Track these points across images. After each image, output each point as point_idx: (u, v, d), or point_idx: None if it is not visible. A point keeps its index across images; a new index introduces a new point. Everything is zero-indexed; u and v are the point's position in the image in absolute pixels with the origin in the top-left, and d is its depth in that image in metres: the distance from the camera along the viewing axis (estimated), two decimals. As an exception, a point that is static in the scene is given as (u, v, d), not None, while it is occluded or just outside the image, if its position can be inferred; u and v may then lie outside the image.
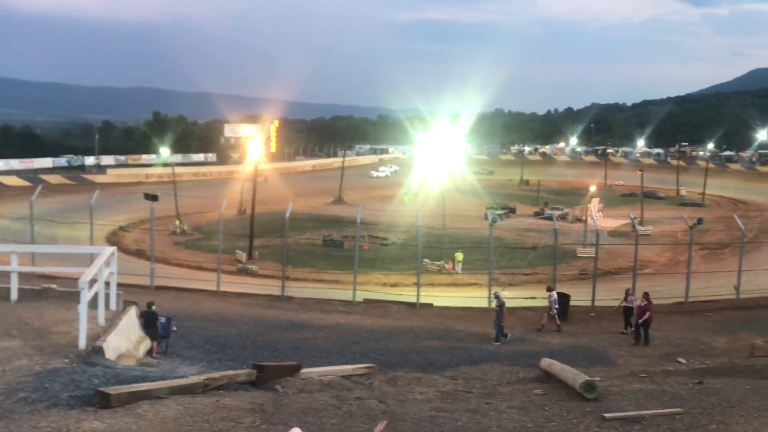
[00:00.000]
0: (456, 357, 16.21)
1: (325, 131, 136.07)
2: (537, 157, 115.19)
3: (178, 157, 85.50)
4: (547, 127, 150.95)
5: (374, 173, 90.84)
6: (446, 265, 35.64)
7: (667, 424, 6.83)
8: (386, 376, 10.34)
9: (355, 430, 6.77)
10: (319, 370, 10.69)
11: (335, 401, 7.96)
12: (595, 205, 54.01)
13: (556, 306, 21.85)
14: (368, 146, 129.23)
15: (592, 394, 8.16)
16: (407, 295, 25.87)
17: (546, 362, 10.36)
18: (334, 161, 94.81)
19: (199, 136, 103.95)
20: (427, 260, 33.72)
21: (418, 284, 25.22)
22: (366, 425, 6.96)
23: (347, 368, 11.26)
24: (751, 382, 9.68)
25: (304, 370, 10.26)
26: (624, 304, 21.08)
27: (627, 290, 21.96)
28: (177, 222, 47.69)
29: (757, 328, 18.38)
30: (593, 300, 24.63)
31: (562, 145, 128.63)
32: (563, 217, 52.19)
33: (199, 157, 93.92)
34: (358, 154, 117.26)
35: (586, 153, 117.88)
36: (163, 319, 15.18)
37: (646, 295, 19.85)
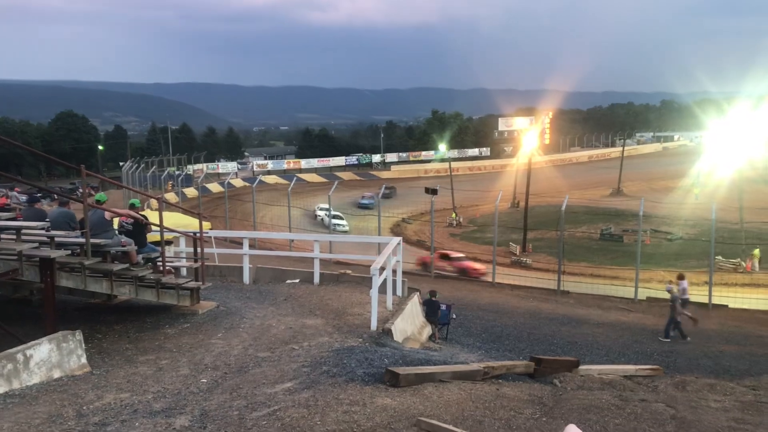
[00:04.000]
0: (757, 365, 14.57)
1: (603, 120, 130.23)
2: None
3: (454, 153, 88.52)
4: None
5: None
6: (744, 264, 31.98)
7: None
8: (673, 380, 9.64)
9: (641, 433, 6.44)
10: (599, 367, 10.33)
11: (618, 401, 7.64)
12: None
13: (685, 296, 18.65)
14: (650, 134, 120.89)
15: None
16: (697, 294, 23.76)
17: None
18: (612, 151, 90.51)
19: (474, 132, 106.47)
20: (720, 257, 30.63)
21: (710, 283, 23.07)
22: (654, 429, 6.58)
23: (630, 368, 10.74)
24: None
25: (582, 367, 10.01)
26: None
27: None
28: (453, 215, 49.49)
29: None
30: None
31: None
32: None
33: (474, 151, 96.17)
34: (638, 142, 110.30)
35: None
36: (443, 307, 15.94)
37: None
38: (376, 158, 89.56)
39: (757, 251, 32.05)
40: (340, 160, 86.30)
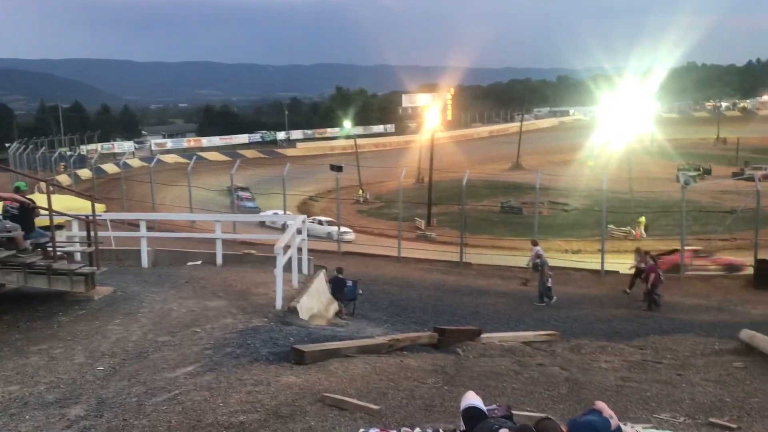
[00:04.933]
0: (644, 326, 15.48)
1: (502, 96, 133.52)
2: (736, 113, 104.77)
3: (360, 130, 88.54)
4: (747, 79, 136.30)
5: None
6: (633, 231, 33.85)
7: None
8: (569, 344, 10.12)
9: (538, 396, 6.73)
10: (499, 335, 10.70)
11: (517, 366, 7.95)
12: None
13: (537, 260, 20.19)
14: (547, 109, 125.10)
15: (802, 370, 7.45)
16: (591, 262, 24.96)
17: (747, 334, 9.56)
18: (511, 126, 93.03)
19: (379, 108, 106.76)
20: (612, 226, 32.25)
21: (602, 251, 24.25)
22: (548, 392, 6.89)
23: (529, 334, 11.17)
24: None
25: (484, 335, 10.33)
26: (637, 265, 19.52)
27: (637, 249, 20.87)
28: (360, 191, 49.67)
29: None
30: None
31: (765, 98, 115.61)
32: (767, 177, 47.21)
33: (379, 128, 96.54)
34: (536, 117, 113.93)
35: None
36: (350, 283, 16.03)
37: (649, 256, 18.91)
38: (281, 135, 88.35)
39: (642, 219, 33.95)
40: (243, 138, 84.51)
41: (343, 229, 32.19)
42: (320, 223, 35.09)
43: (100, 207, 16.52)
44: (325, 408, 6.08)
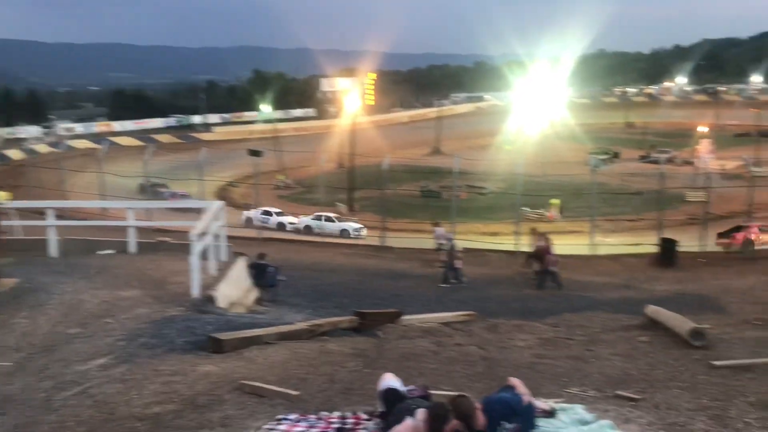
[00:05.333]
0: (558, 305, 16.01)
1: (422, 81, 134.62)
2: (642, 99, 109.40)
3: (279, 114, 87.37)
4: (653, 66, 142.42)
5: None
6: (547, 213, 34.96)
7: (784, 373, 6.52)
8: (487, 324, 10.36)
9: (455, 375, 6.87)
10: (419, 317, 10.83)
11: (435, 347, 8.10)
12: (705, 146, 50.96)
13: (442, 242, 21.09)
14: (465, 95, 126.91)
15: (701, 342, 7.89)
16: (507, 243, 25.65)
17: (651, 309, 10.06)
18: (430, 111, 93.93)
19: (298, 92, 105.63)
20: (526, 208, 33.19)
21: (517, 233, 24.95)
22: (466, 371, 7.06)
23: (447, 315, 11.36)
24: None
25: (404, 318, 10.45)
26: (536, 245, 20.19)
27: (533, 230, 21.76)
28: (281, 176, 49.18)
29: None
30: (701, 246, 23.60)
31: (668, 84, 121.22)
32: (671, 160, 49.70)
33: (299, 112, 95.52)
34: (454, 103, 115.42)
35: (696, 92, 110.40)
36: (271, 269, 15.86)
37: (545, 237, 19.56)
38: (197, 120, 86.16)
39: (556, 201, 35.10)
40: (158, 122, 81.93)
41: (356, 225, 31.35)
42: (329, 219, 33.65)
43: (4, 195, 15.73)
44: (243, 396, 6.01)
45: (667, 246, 22.96)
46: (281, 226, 32.03)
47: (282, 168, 50.48)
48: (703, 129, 58.23)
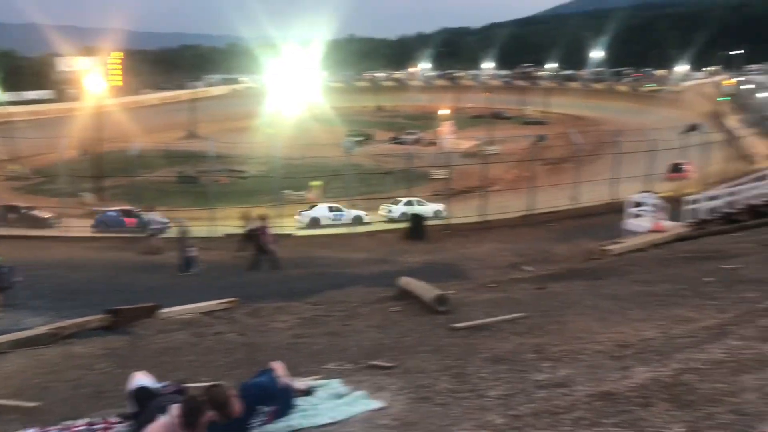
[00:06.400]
0: (319, 283, 16.43)
1: (173, 62, 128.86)
2: (391, 83, 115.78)
3: (10, 96, 77.85)
4: (399, 52, 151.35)
5: None
6: (308, 195, 35.63)
7: (510, 329, 7.32)
8: (249, 309, 10.29)
9: (214, 365, 6.74)
10: (179, 308, 10.42)
11: (194, 338, 7.87)
12: (446, 128, 55.46)
13: (156, 227, 22.14)
14: (219, 76, 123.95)
15: (444, 307, 8.57)
16: (271, 226, 25.71)
17: (404, 280, 10.70)
18: (183, 93, 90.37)
19: (32, 72, 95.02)
20: (289, 191, 33.51)
21: (279, 215, 25.13)
22: (225, 359, 6.94)
23: (209, 304, 11.07)
24: (585, 283, 10.59)
25: (163, 310, 10.00)
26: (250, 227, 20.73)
27: (244, 214, 22.31)
28: (15, 166, 44.21)
29: (592, 233, 20.00)
30: (448, 218, 25.74)
31: (414, 70, 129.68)
32: (417, 141, 53.36)
33: (33, 94, 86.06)
34: (208, 85, 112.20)
35: (438, 77, 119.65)
36: (5, 270, 14.27)
37: (260, 219, 20.24)
38: None
39: (315, 182, 35.91)
40: None
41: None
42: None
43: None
44: (-30, 416, 5.32)
45: (416, 221, 24.72)
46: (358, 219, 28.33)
47: (15, 156, 45.26)
48: (444, 112, 63.15)
